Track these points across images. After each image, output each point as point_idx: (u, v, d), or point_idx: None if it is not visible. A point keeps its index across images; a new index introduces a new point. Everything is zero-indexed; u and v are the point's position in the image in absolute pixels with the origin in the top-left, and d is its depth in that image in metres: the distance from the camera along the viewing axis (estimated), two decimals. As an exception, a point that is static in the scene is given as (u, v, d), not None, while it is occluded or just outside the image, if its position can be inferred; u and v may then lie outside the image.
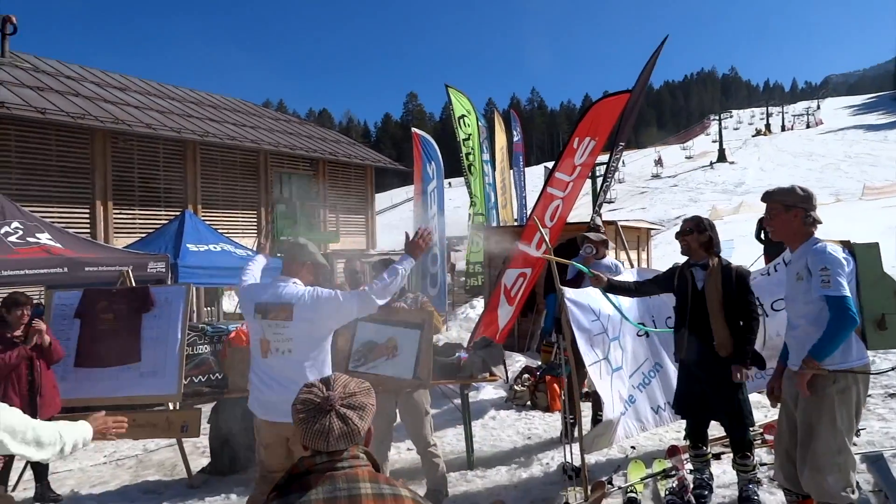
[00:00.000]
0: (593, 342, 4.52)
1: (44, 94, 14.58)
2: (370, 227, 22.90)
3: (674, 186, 56.30)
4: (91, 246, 8.26)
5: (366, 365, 4.35)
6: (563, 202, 8.14)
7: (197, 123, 17.53)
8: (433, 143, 11.94)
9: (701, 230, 4.05)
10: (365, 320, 4.33)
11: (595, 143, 8.16)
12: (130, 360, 5.45)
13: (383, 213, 54.96)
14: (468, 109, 14.68)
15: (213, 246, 10.00)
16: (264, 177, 18.86)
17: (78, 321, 5.62)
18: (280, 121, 23.01)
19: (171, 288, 6.05)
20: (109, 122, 14.62)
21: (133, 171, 15.63)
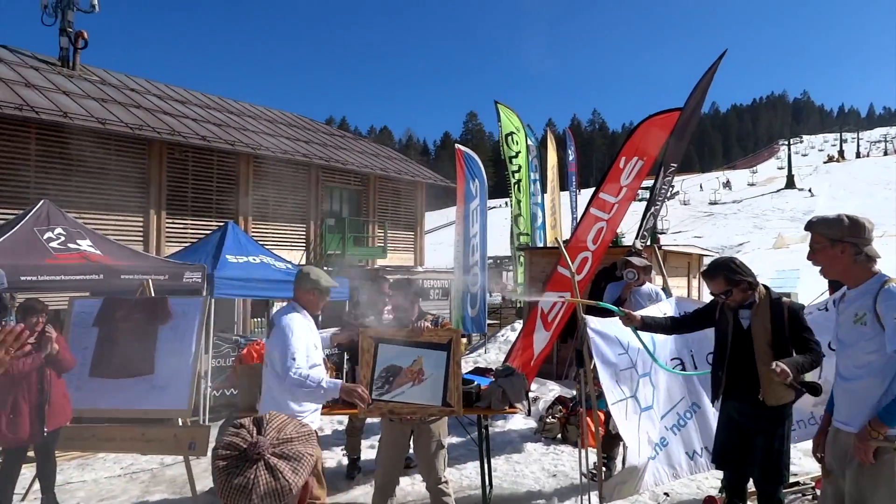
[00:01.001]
0: (619, 378, 4.12)
1: (106, 106, 15.08)
2: (419, 243, 22.77)
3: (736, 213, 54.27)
4: (130, 254, 8.31)
5: (390, 392, 4.02)
6: (608, 224, 7.73)
7: (252, 137, 17.82)
8: (477, 160, 11.68)
9: (735, 284, 3.55)
10: (386, 342, 4.06)
11: (643, 164, 7.75)
12: (144, 371, 5.33)
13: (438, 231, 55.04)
14: (517, 127, 14.38)
15: (252, 258, 9.95)
16: (315, 190, 18.99)
17: (96, 330, 5.55)
18: (334, 136, 23.24)
19: (189, 300, 5.93)
20: (166, 133, 14.98)
21: (187, 181, 15.96)
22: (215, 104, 20.15)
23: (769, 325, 3.44)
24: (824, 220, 2.86)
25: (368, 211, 20.76)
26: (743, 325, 3.56)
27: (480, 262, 11.84)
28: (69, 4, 16.92)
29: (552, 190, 17.27)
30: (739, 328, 3.57)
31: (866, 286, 2.74)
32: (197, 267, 8.30)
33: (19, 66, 15.57)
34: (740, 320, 3.58)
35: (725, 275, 3.56)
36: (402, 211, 22.15)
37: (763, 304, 3.53)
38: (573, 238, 8.12)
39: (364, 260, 20.17)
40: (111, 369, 5.36)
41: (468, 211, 11.59)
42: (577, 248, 7.85)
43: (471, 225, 11.54)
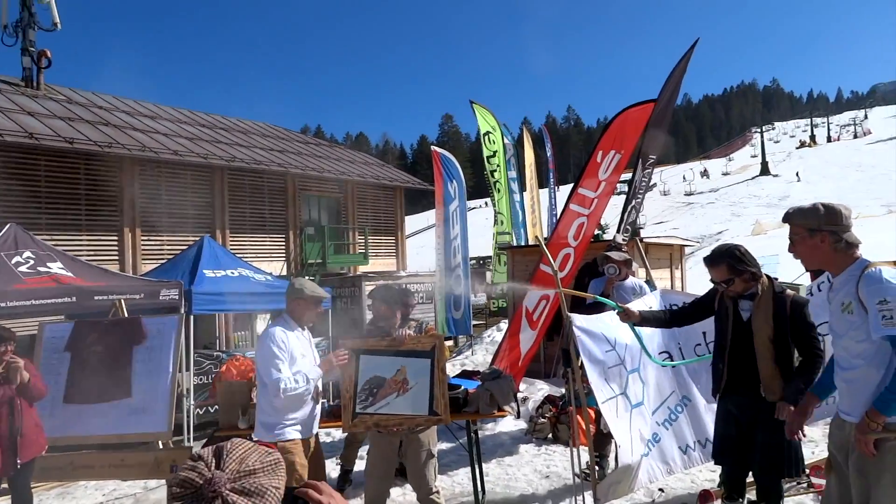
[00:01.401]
0: (608, 376, 4.04)
1: (74, 125, 14.78)
2: (400, 248, 22.65)
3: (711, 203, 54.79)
4: (103, 274, 8.11)
5: (375, 404, 3.90)
6: (588, 219, 7.67)
7: (224, 149, 17.59)
8: (454, 161, 11.59)
9: (738, 273, 3.44)
10: (368, 353, 3.93)
11: (621, 157, 7.71)
12: (120, 395, 5.16)
13: (419, 235, 54.86)
14: (493, 126, 14.33)
15: (230, 271, 9.78)
16: (292, 200, 18.80)
17: (68, 355, 5.37)
18: (310, 144, 23.05)
19: (163, 318, 5.76)
20: (136, 149, 14.72)
21: (161, 197, 15.68)
22: (186, 118, 19.87)
23: (771, 320, 3.34)
24: (800, 210, 2.81)
25: (348, 218, 20.62)
26: (743, 317, 3.46)
27: (463, 264, 11.75)
28: (30, 23, 16.58)
29: (531, 188, 17.24)
30: (739, 320, 3.47)
31: (848, 273, 2.69)
32: (173, 284, 8.12)
33: (-19, 88, 15.22)
34: (740, 312, 3.48)
35: (729, 263, 3.45)
36: (381, 216, 22.03)
37: (765, 297, 3.41)
38: (554, 235, 8.04)
39: (346, 267, 20.00)
40: (86, 395, 5.19)
41: (448, 213, 11.49)
42: (559, 245, 7.78)
43: (451, 227, 11.44)
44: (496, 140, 14.43)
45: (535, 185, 17.57)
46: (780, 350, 3.31)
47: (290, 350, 3.79)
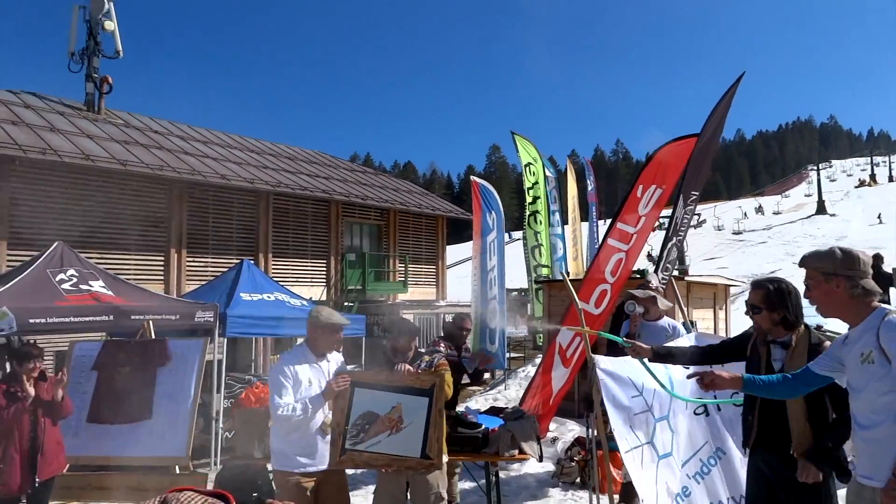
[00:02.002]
0: (633, 423, 3.81)
1: (129, 148, 15.31)
2: (441, 277, 22.58)
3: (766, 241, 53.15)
4: (141, 294, 8.24)
5: (365, 442, 3.73)
6: (627, 255, 7.45)
7: (271, 174, 17.94)
8: (493, 192, 11.47)
9: (772, 307, 3.20)
10: (363, 386, 3.79)
11: (662, 192, 7.51)
12: (142, 417, 5.17)
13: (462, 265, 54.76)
14: (534, 157, 14.23)
15: (266, 295, 9.84)
16: (335, 226, 18.99)
17: (95, 374, 5.41)
18: (355, 171, 23.35)
19: (188, 341, 5.78)
20: (186, 173, 15.12)
21: (207, 220, 16.04)
22: (236, 143, 20.40)
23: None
24: (816, 254, 2.71)
25: (389, 245, 20.69)
26: (774, 367, 3.21)
27: (499, 296, 11.53)
28: (95, 51, 17.37)
29: (573, 221, 17.00)
30: (771, 370, 3.22)
31: (867, 322, 2.56)
32: (209, 306, 8.18)
33: (46, 112, 15.94)
34: (772, 361, 3.24)
35: (769, 291, 3.22)
36: (423, 245, 22.04)
37: (800, 347, 3.15)
38: (591, 270, 7.83)
39: (385, 295, 20.02)
40: (109, 415, 5.20)
41: (485, 244, 11.34)
42: (595, 281, 7.57)
43: (488, 258, 11.27)
44: (537, 172, 14.30)
45: (578, 218, 17.33)
46: (814, 407, 3.04)
47: (296, 378, 3.75)
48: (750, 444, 3.29)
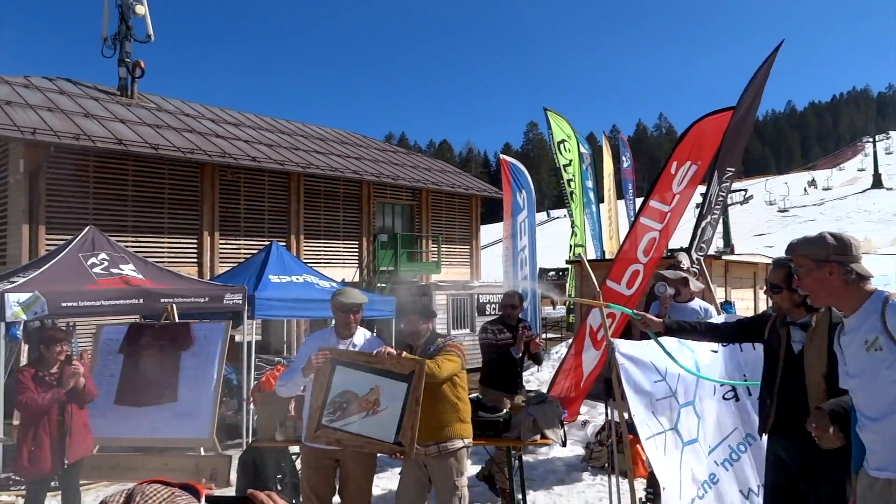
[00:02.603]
0: (656, 408, 3.73)
1: (161, 132, 15.59)
2: (475, 258, 22.53)
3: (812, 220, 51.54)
4: (171, 277, 8.42)
5: (341, 420, 3.76)
6: (660, 234, 7.32)
7: (302, 155, 18.08)
8: (523, 170, 11.38)
9: (793, 287, 3.09)
10: (345, 364, 3.83)
11: (697, 168, 7.34)
12: (167, 399, 5.30)
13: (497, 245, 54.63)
14: (568, 134, 14.00)
15: (296, 277, 9.94)
16: (366, 207, 19.08)
17: (122, 357, 5.56)
18: (387, 151, 23.37)
19: (211, 325, 5.89)
20: (217, 155, 15.34)
21: (239, 202, 16.28)
22: (268, 125, 20.59)
23: (825, 355, 2.96)
24: (807, 240, 2.63)
25: (422, 226, 20.71)
26: (794, 349, 3.12)
27: (530, 277, 11.49)
28: (127, 36, 17.67)
29: (609, 199, 16.74)
30: (791, 352, 3.12)
31: (867, 307, 2.48)
32: (237, 289, 8.31)
33: (80, 97, 16.32)
34: (792, 343, 3.14)
35: (789, 270, 3.09)
36: (456, 225, 22.00)
37: (820, 329, 3.03)
38: (622, 250, 7.72)
39: (418, 276, 20.08)
40: (136, 397, 5.35)
41: (515, 224, 11.28)
42: (627, 261, 7.45)
43: (518, 238, 11.22)
44: (572, 149, 14.08)
45: (614, 196, 17.05)
46: (835, 390, 2.92)
47: (307, 355, 3.88)
48: (767, 430, 3.19)
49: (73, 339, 9.87)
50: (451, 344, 4.06)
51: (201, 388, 5.31)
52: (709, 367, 4.06)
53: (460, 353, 4.05)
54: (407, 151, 26.94)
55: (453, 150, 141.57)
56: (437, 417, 3.94)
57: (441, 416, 3.96)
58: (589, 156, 15.49)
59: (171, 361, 5.42)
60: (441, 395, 3.94)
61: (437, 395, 3.93)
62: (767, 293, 3.27)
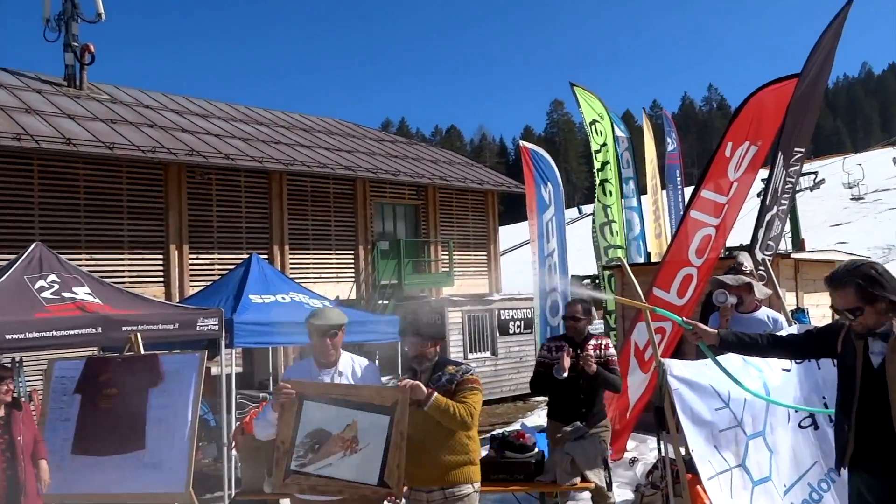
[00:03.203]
0: (719, 442, 3.74)
1: (116, 127, 15.75)
2: (494, 266, 22.55)
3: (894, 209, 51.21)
4: (134, 300, 8.49)
5: (315, 463, 3.78)
6: (717, 231, 7.37)
7: (283, 150, 18.22)
8: (548, 159, 11.37)
9: (871, 299, 3.08)
10: (313, 399, 3.85)
11: (758, 150, 7.35)
12: (133, 446, 5.34)
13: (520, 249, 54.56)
14: (600, 113, 13.97)
15: (281, 297, 10.00)
16: (362, 209, 19.18)
17: (78, 397, 5.61)
18: (384, 142, 23.50)
19: (182, 356, 5.94)
20: (184, 154, 15.48)
21: (211, 208, 16.43)
22: (242, 115, 20.77)
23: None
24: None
25: (429, 230, 20.78)
26: (873, 363, 3.11)
27: (562, 287, 11.46)
28: (73, 15, 17.88)
29: (653, 189, 16.68)
30: (870, 367, 3.11)
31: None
32: (213, 312, 8.35)
33: (21, 90, 16.52)
34: (870, 356, 3.13)
35: (858, 285, 3.11)
36: (470, 227, 22.07)
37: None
38: (670, 251, 7.73)
39: (426, 290, 20.12)
40: (96, 445, 5.39)
41: (542, 223, 11.25)
42: (676, 264, 7.48)
43: (545, 241, 11.19)
44: (605, 131, 14.03)
45: (658, 186, 16.98)
46: None
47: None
48: (846, 463, 3.18)
49: (19, 377, 9.98)
50: (471, 378, 4.08)
51: (173, 433, 5.34)
52: (780, 390, 4.06)
53: (480, 387, 4.09)
54: (408, 141, 27.05)
55: (463, 138, 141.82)
56: (443, 459, 3.95)
57: (448, 458, 3.97)
58: (626, 139, 15.43)
59: (137, 401, 5.46)
60: (449, 433, 3.96)
61: (445, 433, 3.94)
62: (843, 318, 3.24)
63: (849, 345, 3.24)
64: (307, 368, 4.13)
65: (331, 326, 4.03)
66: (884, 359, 3.07)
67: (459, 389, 3.98)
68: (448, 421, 3.89)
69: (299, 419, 3.84)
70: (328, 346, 4.04)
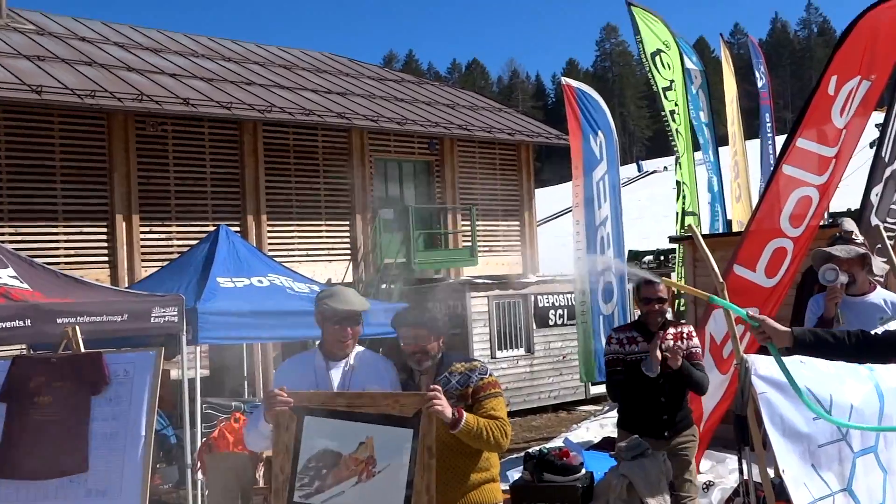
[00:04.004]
0: (817, 460, 3.76)
1: (44, 66, 15.84)
2: (528, 239, 22.52)
3: None
4: (72, 286, 8.59)
5: (323, 493, 3.80)
6: (819, 192, 7.38)
7: (258, 94, 18.27)
8: (599, 100, 11.34)
9: None
10: (317, 413, 3.88)
11: (871, 85, 7.34)
12: (73, 468, 5.37)
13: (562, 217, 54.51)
14: (666, 41, 13.87)
15: (257, 280, 10.10)
16: (360, 168, 19.20)
17: (3, 407, 5.67)
18: (387, 82, 23.48)
19: (132, 355, 5.95)
20: (130, 99, 15.53)
21: (168, 168, 16.50)
22: (204, 49, 20.85)
23: None
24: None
25: (445, 193, 20.79)
26: None
27: (616, 265, 11.47)
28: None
29: (734, 139, 16.59)
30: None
31: None
32: (170, 300, 8.44)
33: (-77, 20, 16.62)
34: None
35: None
36: (498, 190, 22.06)
37: None
38: (756, 218, 7.72)
39: (442, 270, 20.14)
40: (26, 467, 5.44)
41: (590, 184, 11.25)
42: (766, 234, 7.49)
43: (596, 205, 11.20)
44: (672, 63, 13.94)
45: (740, 135, 16.89)
46: None
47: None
48: None
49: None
50: (492, 381, 4.14)
51: (123, 451, 5.39)
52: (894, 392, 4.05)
53: (502, 391, 4.18)
54: (418, 80, 27.00)
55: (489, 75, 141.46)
56: (461, 478, 4.04)
57: (467, 477, 4.06)
58: (700, 74, 15.33)
59: (77, 412, 5.51)
60: (465, 448, 4.02)
61: (461, 449, 4.00)
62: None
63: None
64: (310, 362, 4.17)
65: (352, 312, 4.08)
66: None
67: (479, 397, 4.03)
68: (480, 445, 3.96)
69: (300, 439, 3.87)
70: (348, 335, 4.09)
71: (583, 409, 16.46)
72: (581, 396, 17.02)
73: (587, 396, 16.99)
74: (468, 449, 4.03)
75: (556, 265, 23.76)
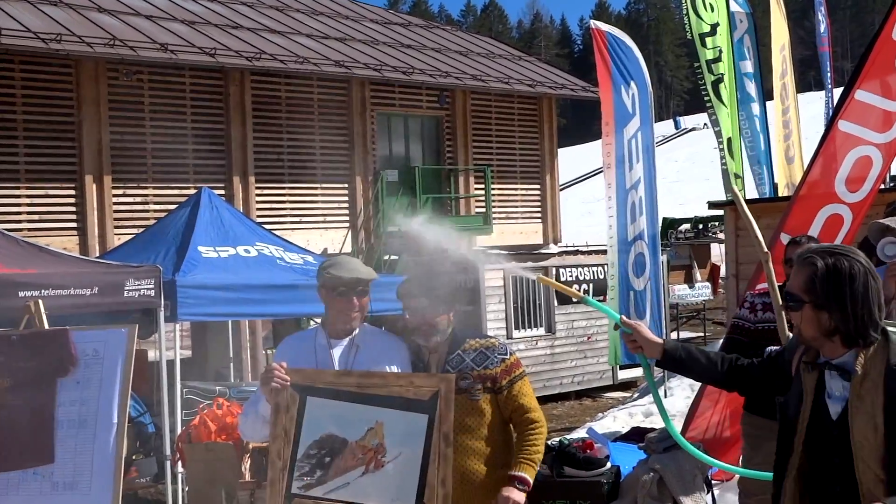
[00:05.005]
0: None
1: (3, 6, 15.73)
2: (550, 204, 22.50)
3: None
4: (35, 255, 8.63)
5: (325, 483, 3.82)
6: (882, 152, 7.36)
7: (246, 38, 18.22)
8: (633, 48, 11.26)
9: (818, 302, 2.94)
10: (321, 394, 3.89)
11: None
12: (36, 459, 5.41)
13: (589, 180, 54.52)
14: (708, -20, 13.77)
15: (244, 249, 10.13)
16: (360, 124, 19.17)
17: (-42, 391, 5.71)
18: (391, 25, 23.40)
19: (104, 332, 5.97)
20: (101, 44, 15.48)
21: (143, 124, 16.49)
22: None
23: (881, 417, 2.88)
24: None
25: (456, 153, 20.76)
26: (830, 413, 3.03)
27: (650, 234, 11.46)
28: None
29: (783, 92, 16.47)
30: (823, 415, 3.03)
31: None
32: (146, 271, 8.47)
33: None
34: (825, 400, 3.05)
35: (812, 273, 2.95)
36: (517, 149, 22.02)
37: (873, 376, 2.93)
38: (807, 181, 7.71)
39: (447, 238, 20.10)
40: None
41: (622, 142, 11.20)
42: (819, 198, 7.48)
43: (627, 167, 11.16)
44: (717, 5, 13.85)
45: (792, 89, 16.78)
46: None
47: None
48: None
49: None
50: (517, 361, 4.17)
51: (93, 441, 5.42)
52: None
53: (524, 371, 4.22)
54: (427, 23, 26.88)
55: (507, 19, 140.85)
56: (479, 473, 4.08)
57: (487, 472, 4.09)
58: (747, 17, 15.21)
59: (41, 396, 5.53)
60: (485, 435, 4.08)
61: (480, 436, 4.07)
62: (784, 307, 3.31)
63: (798, 380, 3.15)
64: (311, 340, 4.19)
65: (359, 280, 4.08)
66: (844, 405, 2.98)
67: (507, 381, 4.08)
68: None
69: (301, 423, 3.88)
70: (354, 307, 4.09)
71: (610, 395, 16.47)
72: (608, 382, 16.96)
73: (615, 382, 16.93)
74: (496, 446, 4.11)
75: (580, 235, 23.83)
